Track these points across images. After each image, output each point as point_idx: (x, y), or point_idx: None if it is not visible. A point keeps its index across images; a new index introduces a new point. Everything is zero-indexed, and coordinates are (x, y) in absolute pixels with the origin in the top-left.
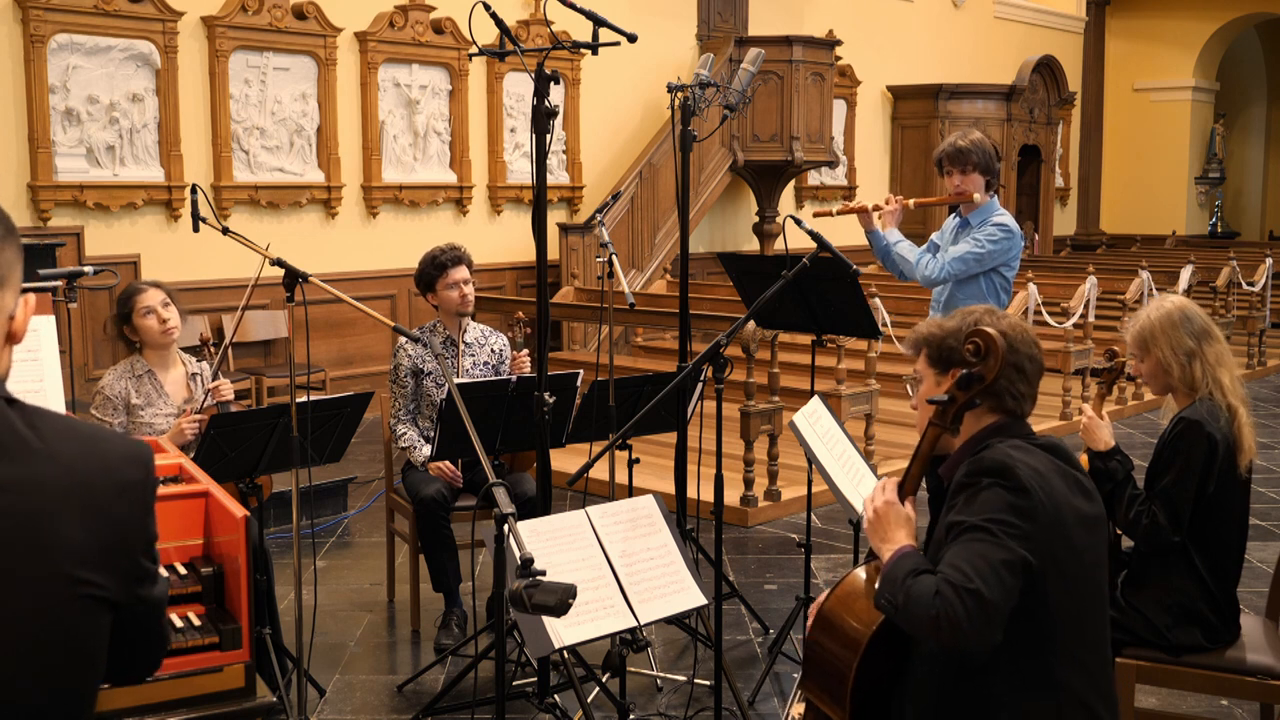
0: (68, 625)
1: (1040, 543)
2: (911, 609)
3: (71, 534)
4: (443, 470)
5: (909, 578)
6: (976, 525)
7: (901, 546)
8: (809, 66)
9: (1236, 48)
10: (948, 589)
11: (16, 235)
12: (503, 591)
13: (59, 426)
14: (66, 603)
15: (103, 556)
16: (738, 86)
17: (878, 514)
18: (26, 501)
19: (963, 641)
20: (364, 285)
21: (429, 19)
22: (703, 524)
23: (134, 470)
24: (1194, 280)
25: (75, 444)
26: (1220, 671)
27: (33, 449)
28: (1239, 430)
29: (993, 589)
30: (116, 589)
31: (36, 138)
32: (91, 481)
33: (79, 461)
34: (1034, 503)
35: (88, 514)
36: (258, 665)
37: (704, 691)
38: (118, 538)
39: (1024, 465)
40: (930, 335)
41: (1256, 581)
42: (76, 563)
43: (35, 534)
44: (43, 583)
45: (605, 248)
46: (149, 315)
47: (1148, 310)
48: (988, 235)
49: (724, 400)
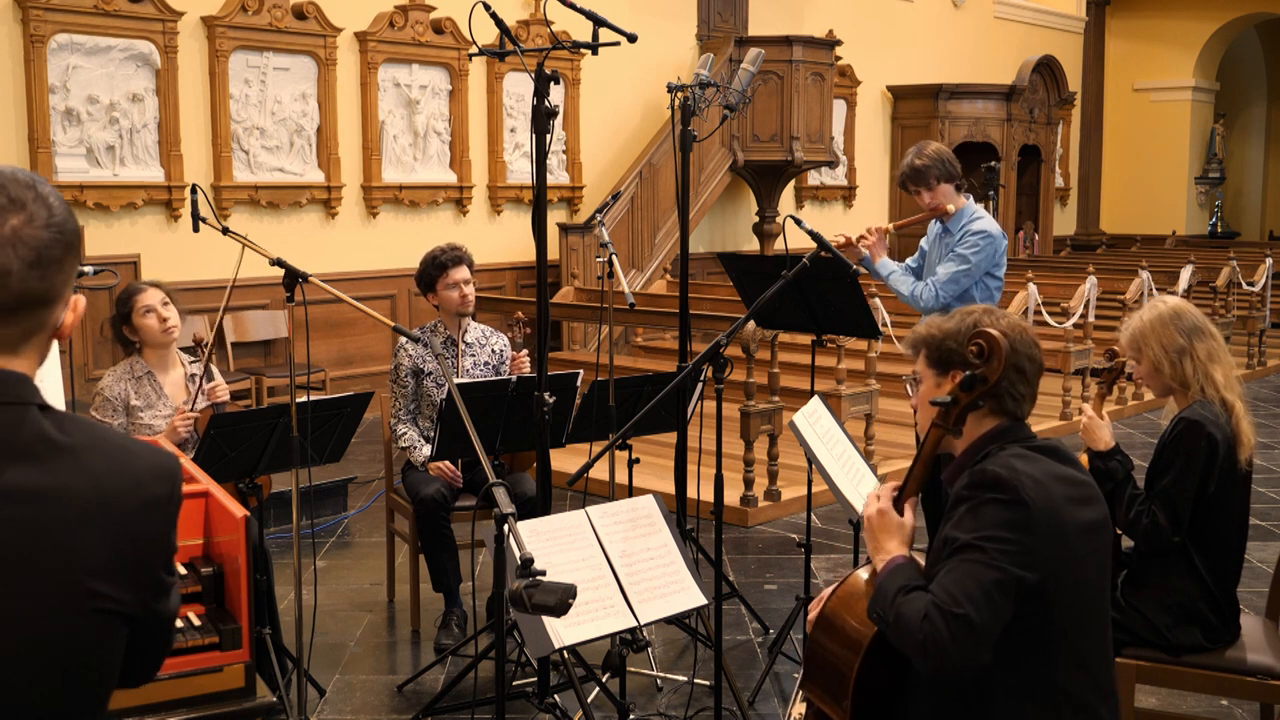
0: (84, 639)
1: (1039, 555)
2: (900, 629)
3: (94, 548)
4: (443, 470)
5: (899, 595)
6: (970, 544)
7: (893, 558)
8: (809, 66)
9: (1236, 48)
10: (935, 613)
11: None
12: (503, 591)
13: (90, 436)
14: (84, 616)
15: (124, 572)
16: (738, 86)
17: (869, 523)
18: (51, 513)
19: (949, 665)
20: (364, 285)
21: (429, 19)
22: (703, 524)
23: (162, 486)
24: (1194, 280)
25: (105, 456)
26: (1220, 671)
27: (63, 459)
28: (1237, 423)
29: (981, 612)
30: (134, 603)
31: (36, 138)
32: (119, 497)
33: (108, 476)
34: (1032, 515)
35: (112, 529)
36: (258, 665)
37: (704, 691)
38: (140, 553)
39: (1023, 477)
40: (929, 336)
41: (1256, 581)
42: (97, 577)
43: (58, 546)
44: (62, 596)
45: (605, 248)
46: (149, 315)
47: (1140, 312)
48: (970, 248)
49: (724, 400)
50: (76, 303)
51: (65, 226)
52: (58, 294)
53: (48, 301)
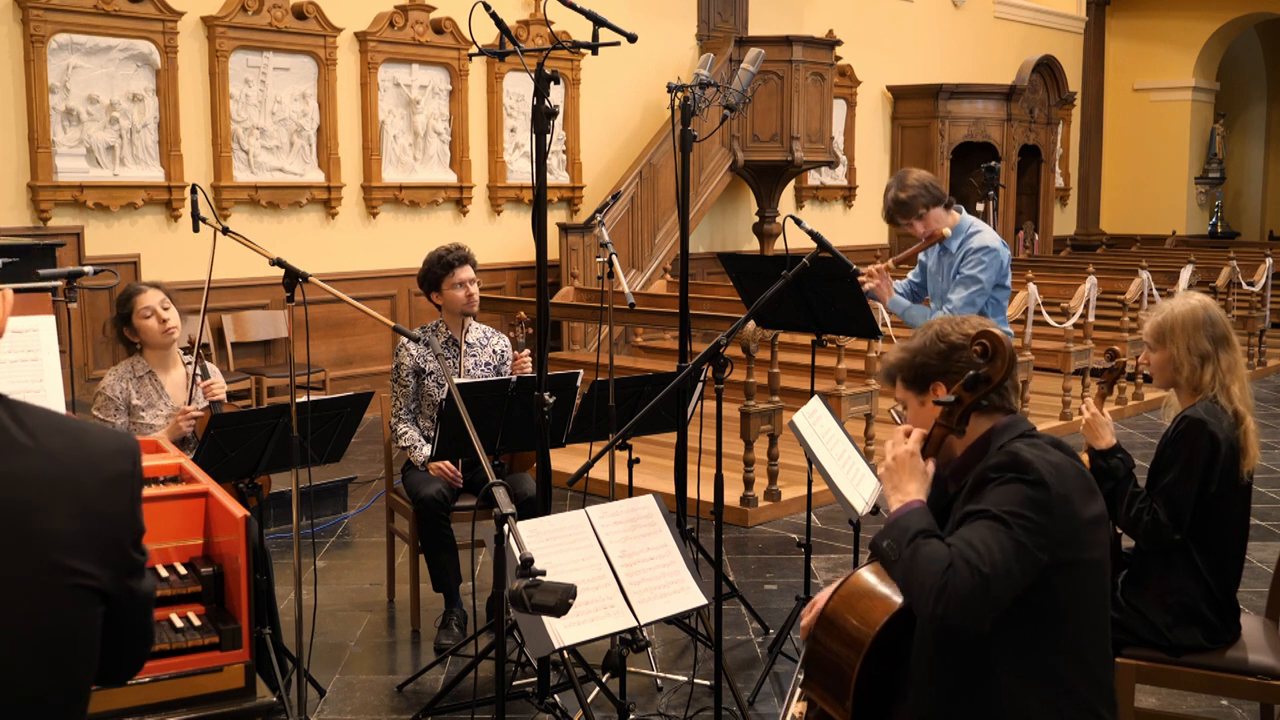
0: (62, 615)
1: (1053, 537)
2: (918, 568)
3: (61, 526)
4: (443, 470)
5: (919, 537)
6: (995, 515)
7: (912, 500)
8: (809, 66)
9: (1236, 48)
10: (962, 564)
11: None
12: (503, 591)
13: (46, 421)
14: (59, 592)
15: (93, 548)
16: (738, 86)
17: (897, 460)
18: (15, 495)
19: (957, 616)
20: (364, 285)
21: (429, 19)
22: (703, 524)
23: (122, 463)
24: (1194, 280)
25: (63, 438)
26: (1220, 671)
27: (20, 444)
28: (1244, 436)
29: (1001, 578)
30: (108, 580)
31: (36, 138)
32: (79, 475)
33: (66, 455)
34: (1051, 497)
35: (77, 506)
36: (258, 665)
37: (704, 691)
38: (107, 529)
39: (1042, 460)
40: (900, 361)
41: (1256, 581)
42: (67, 553)
43: (25, 527)
44: (35, 574)
45: (605, 248)
46: (149, 316)
47: (1173, 303)
48: (977, 267)
49: (724, 400)
50: (4, 294)
51: None
52: None
53: None
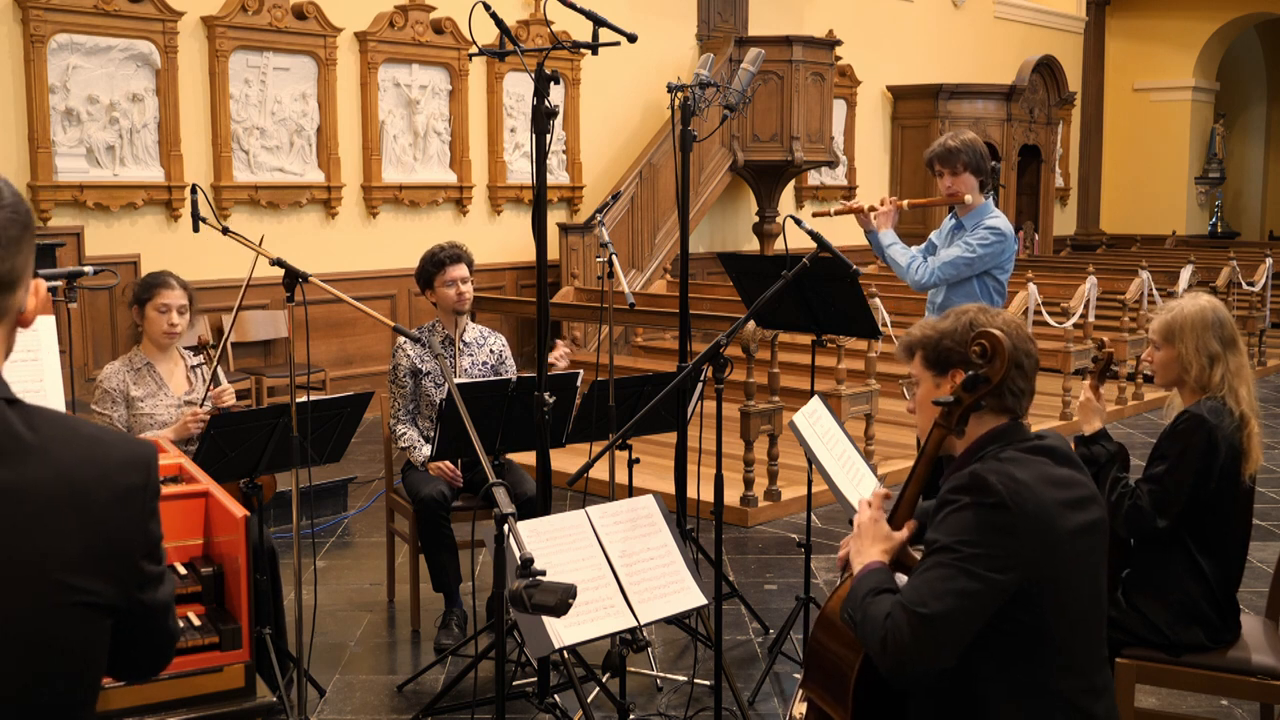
0: (63, 633)
1: (1020, 557)
2: (865, 628)
3: (64, 542)
4: (443, 470)
5: (869, 596)
6: (945, 547)
7: (870, 562)
8: (809, 66)
9: (1236, 48)
10: (899, 611)
11: (33, 231)
12: (503, 591)
13: (60, 429)
14: (60, 610)
15: (98, 564)
16: (738, 86)
17: (860, 527)
18: (19, 508)
19: (908, 664)
20: (364, 285)
21: (429, 19)
22: (703, 524)
23: (133, 475)
24: (1194, 280)
25: (74, 449)
26: (1220, 671)
27: (30, 453)
28: (1248, 439)
29: (946, 613)
30: (114, 595)
31: (36, 138)
32: (88, 489)
33: (76, 468)
34: (1014, 519)
35: (82, 521)
36: (258, 665)
37: (704, 691)
38: (114, 544)
39: (1005, 479)
40: (925, 338)
41: (1256, 581)
42: (70, 570)
43: (28, 543)
44: (35, 591)
45: (605, 248)
46: (165, 312)
47: (1182, 302)
48: (979, 239)
49: (724, 400)
50: (38, 287)
51: (19, 207)
52: (18, 276)
53: (9, 284)
